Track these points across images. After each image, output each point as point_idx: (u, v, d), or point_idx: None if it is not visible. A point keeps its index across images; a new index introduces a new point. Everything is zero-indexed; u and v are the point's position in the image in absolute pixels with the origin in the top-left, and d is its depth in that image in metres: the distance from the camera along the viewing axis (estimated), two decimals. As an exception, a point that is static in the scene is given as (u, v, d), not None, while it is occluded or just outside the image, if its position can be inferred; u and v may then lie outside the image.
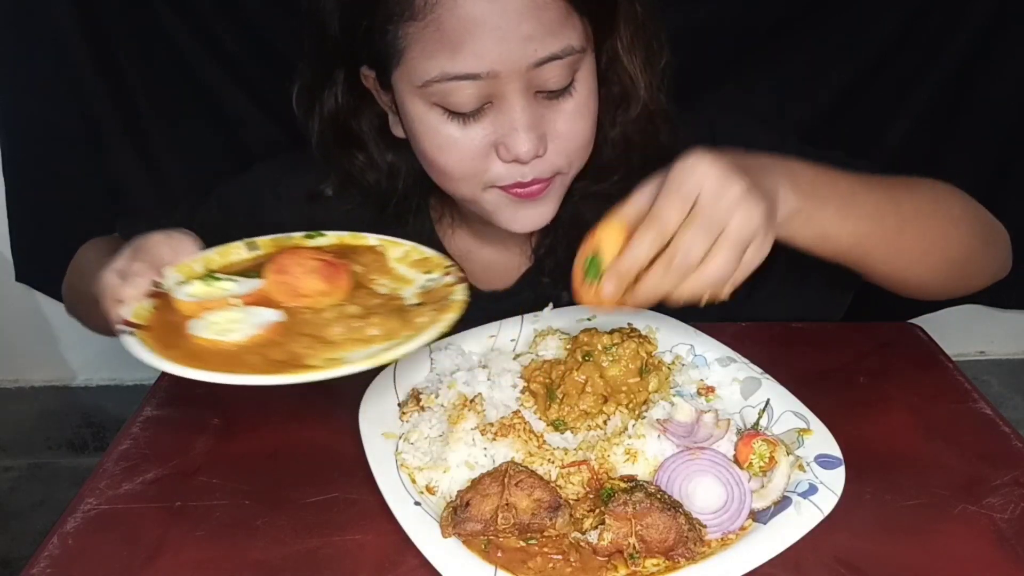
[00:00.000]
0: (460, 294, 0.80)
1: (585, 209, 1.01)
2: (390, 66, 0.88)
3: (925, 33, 1.68)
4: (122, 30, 1.68)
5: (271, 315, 0.76)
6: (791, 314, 1.09)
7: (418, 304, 0.81)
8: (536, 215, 0.94)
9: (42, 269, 1.93)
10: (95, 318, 1.08)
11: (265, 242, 0.89)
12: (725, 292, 0.72)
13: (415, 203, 1.06)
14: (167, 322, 0.76)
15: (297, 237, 0.90)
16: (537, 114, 0.86)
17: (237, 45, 1.68)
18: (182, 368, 0.69)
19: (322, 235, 0.91)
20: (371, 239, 0.91)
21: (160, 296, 0.79)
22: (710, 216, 0.69)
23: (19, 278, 1.94)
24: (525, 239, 1.08)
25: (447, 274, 0.85)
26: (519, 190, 0.90)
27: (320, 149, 1.01)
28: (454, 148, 0.88)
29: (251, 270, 0.84)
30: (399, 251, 0.90)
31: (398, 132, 0.96)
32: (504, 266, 1.10)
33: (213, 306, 0.77)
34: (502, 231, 0.98)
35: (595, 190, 1.00)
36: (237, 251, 0.88)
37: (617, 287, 0.72)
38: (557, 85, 0.85)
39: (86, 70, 1.70)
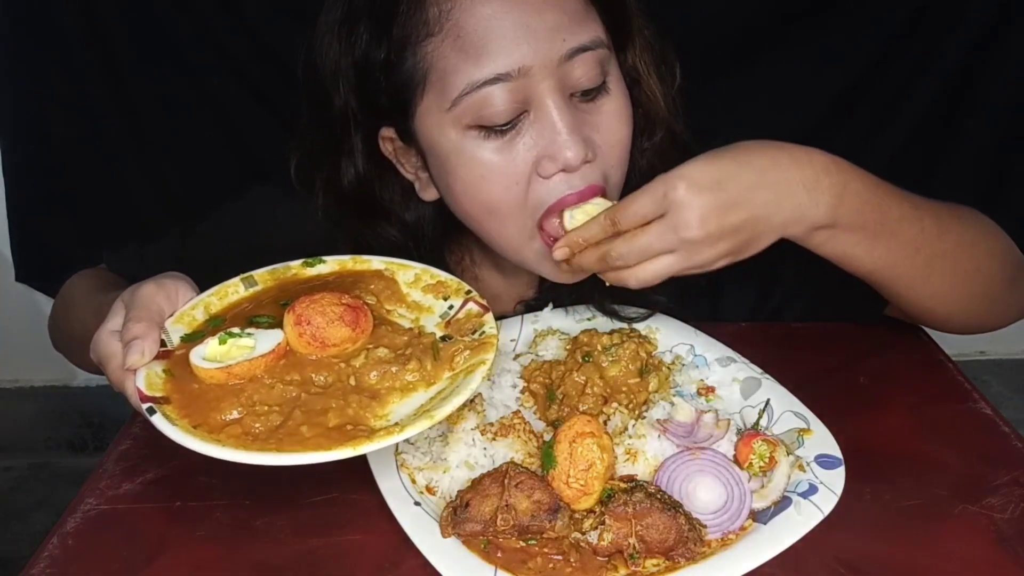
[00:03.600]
0: (491, 326, 0.77)
1: None
2: (413, 103, 0.84)
3: (926, 34, 1.69)
4: (123, 31, 1.68)
5: (274, 339, 0.74)
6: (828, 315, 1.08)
7: (444, 337, 0.78)
8: None
9: (42, 269, 1.94)
10: (84, 357, 1.05)
11: (262, 276, 0.84)
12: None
13: (433, 251, 0.98)
14: (189, 392, 0.71)
15: (295, 266, 0.85)
16: (577, 117, 0.82)
17: (238, 46, 1.68)
18: (237, 452, 0.65)
19: (322, 261, 0.85)
20: (376, 262, 0.86)
21: (167, 356, 0.74)
22: (662, 237, 0.75)
23: (19, 278, 1.95)
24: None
25: (468, 301, 0.81)
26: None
27: (330, 219, 0.96)
28: (497, 173, 0.82)
29: (257, 312, 0.79)
30: (409, 274, 0.85)
31: (428, 195, 0.91)
32: (509, 294, 1.05)
33: (238, 371, 0.71)
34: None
35: None
36: (235, 289, 0.82)
37: (564, 254, 0.81)
38: (591, 83, 0.82)
39: (87, 71, 1.70)
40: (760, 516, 0.73)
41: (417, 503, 0.74)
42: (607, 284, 0.82)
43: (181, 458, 0.85)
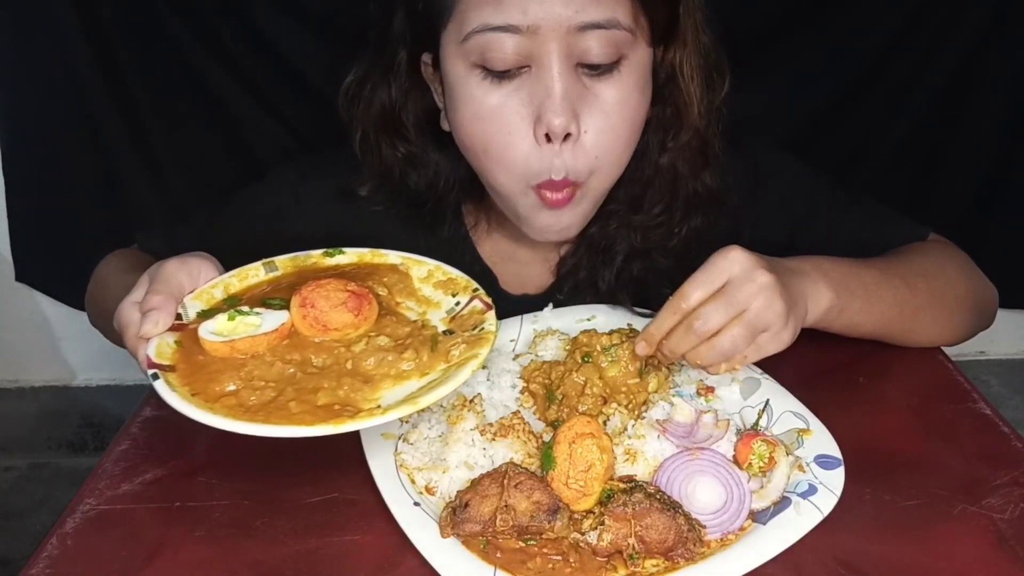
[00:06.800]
0: (491, 323, 0.79)
1: (618, 237, 1.00)
2: (440, 27, 0.88)
3: (927, 32, 1.69)
4: (123, 30, 1.68)
5: (278, 319, 0.77)
6: None
7: (447, 331, 0.80)
8: (563, 221, 0.92)
9: (42, 269, 1.94)
10: (116, 334, 1.09)
11: (283, 262, 0.87)
12: (739, 367, 0.83)
13: (450, 209, 1.04)
14: (194, 362, 0.74)
15: (316, 255, 0.88)
16: (575, 88, 0.85)
17: (238, 46, 1.68)
18: (223, 420, 0.68)
19: (341, 252, 0.89)
20: (392, 256, 0.89)
21: (181, 328, 0.77)
22: (733, 296, 0.79)
23: (19, 278, 1.95)
24: (554, 249, 1.06)
25: (474, 298, 0.83)
26: (550, 194, 0.88)
27: (363, 144, 1.00)
28: (490, 116, 0.86)
29: (272, 296, 0.82)
30: (422, 270, 0.88)
31: (446, 125, 0.95)
32: (535, 272, 1.08)
33: (241, 346, 0.74)
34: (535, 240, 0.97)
35: (634, 223, 0.99)
36: (256, 273, 0.85)
37: (645, 349, 0.84)
38: (599, 58, 0.84)
39: (87, 70, 1.70)
40: (760, 516, 0.73)
41: (416, 503, 0.74)
42: (689, 364, 0.84)
43: (181, 458, 0.85)
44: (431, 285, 0.87)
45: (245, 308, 0.78)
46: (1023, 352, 2.19)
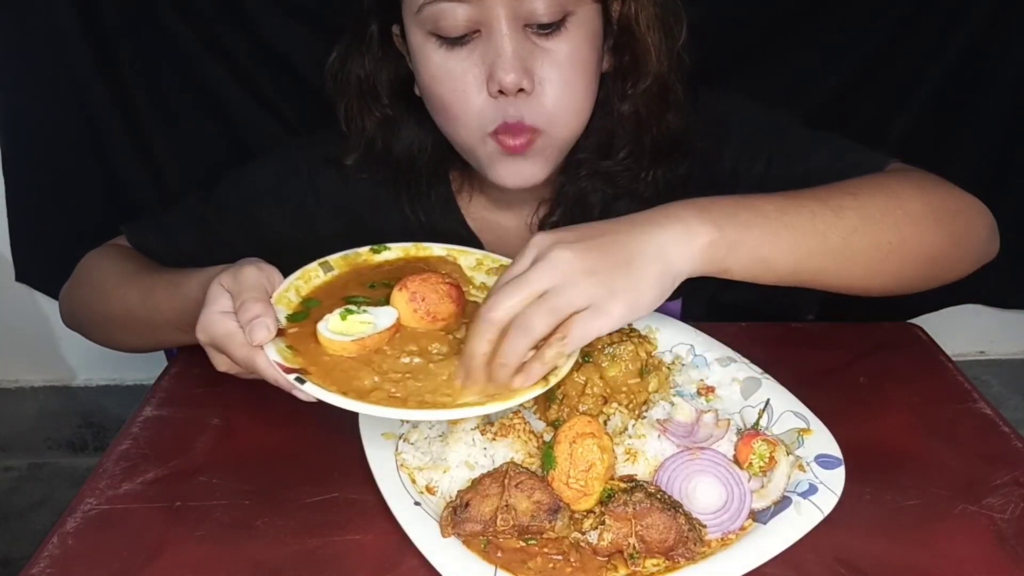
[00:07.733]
0: None
1: (590, 188, 1.02)
2: (402, 2, 0.91)
3: (929, 28, 1.68)
4: (122, 30, 1.68)
5: (392, 314, 0.79)
6: (769, 297, 1.10)
7: None
8: (525, 170, 0.94)
9: (42, 269, 1.94)
10: (125, 334, 1.07)
11: (337, 261, 0.88)
12: (558, 360, 0.72)
13: (430, 173, 1.06)
14: (323, 363, 0.74)
15: (364, 252, 0.90)
16: (524, 47, 0.88)
17: (237, 45, 1.68)
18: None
19: (387, 248, 0.91)
20: (437, 249, 0.92)
21: (281, 334, 0.76)
22: (526, 278, 0.71)
23: (19, 278, 1.94)
24: (533, 213, 1.08)
25: None
26: (508, 140, 0.91)
27: (347, 117, 1.03)
28: (446, 77, 0.90)
29: (347, 294, 0.83)
30: (470, 259, 0.91)
31: (418, 90, 0.98)
32: (520, 236, 1.09)
33: (370, 343, 0.75)
34: (516, 201, 0.99)
35: (602, 168, 1.01)
36: (316, 274, 0.86)
37: (469, 381, 0.73)
38: (546, 16, 0.87)
39: (86, 70, 1.70)
40: (760, 516, 0.74)
41: (417, 503, 0.74)
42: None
43: (181, 458, 0.85)
44: (484, 272, 0.90)
45: (353, 307, 0.79)
46: (1023, 352, 2.18)
